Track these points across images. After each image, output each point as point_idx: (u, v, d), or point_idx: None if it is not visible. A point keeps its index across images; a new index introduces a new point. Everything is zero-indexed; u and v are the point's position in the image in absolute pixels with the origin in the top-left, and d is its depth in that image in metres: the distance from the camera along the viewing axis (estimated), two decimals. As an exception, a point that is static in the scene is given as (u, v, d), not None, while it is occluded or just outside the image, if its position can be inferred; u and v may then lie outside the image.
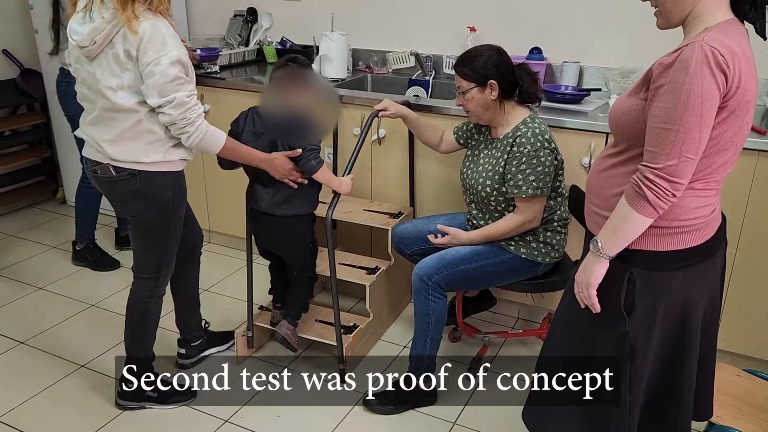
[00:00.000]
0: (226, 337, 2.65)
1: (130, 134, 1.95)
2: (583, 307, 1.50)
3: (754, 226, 2.30)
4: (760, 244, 2.31)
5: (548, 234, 2.22)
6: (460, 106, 2.25)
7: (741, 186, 2.27)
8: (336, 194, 2.27)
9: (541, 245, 2.22)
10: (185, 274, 2.41)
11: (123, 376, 2.26)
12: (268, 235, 2.36)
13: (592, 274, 1.45)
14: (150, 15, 1.85)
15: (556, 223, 2.23)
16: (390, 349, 2.67)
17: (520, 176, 2.11)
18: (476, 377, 2.49)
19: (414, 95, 2.94)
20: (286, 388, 2.43)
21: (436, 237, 2.30)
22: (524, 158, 2.10)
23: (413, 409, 2.32)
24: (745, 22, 1.36)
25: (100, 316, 2.88)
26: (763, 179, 2.24)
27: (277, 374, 2.50)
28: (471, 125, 2.38)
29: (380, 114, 2.43)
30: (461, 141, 2.43)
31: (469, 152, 2.37)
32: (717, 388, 1.69)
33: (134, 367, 2.25)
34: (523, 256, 2.22)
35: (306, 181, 2.22)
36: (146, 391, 2.27)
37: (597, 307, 1.47)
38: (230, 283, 3.18)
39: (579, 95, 2.68)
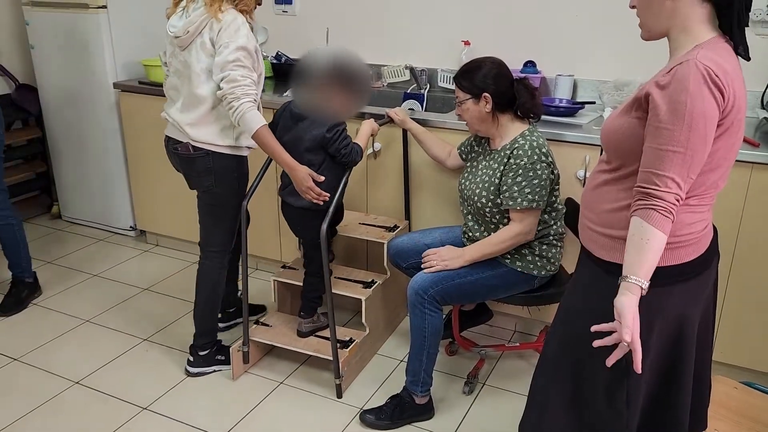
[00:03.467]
0: (258, 309, 2.94)
1: (207, 119, 2.27)
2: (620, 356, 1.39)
3: (749, 238, 2.31)
4: (755, 255, 2.32)
5: (544, 247, 2.22)
6: (459, 116, 2.26)
7: (735, 198, 2.28)
8: (329, 210, 2.28)
9: (537, 258, 2.22)
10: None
11: (194, 345, 2.54)
12: (289, 219, 2.47)
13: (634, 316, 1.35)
14: (234, 10, 2.20)
15: (551, 237, 2.23)
16: (387, 363, 2.66)
17: (516, 188, 2.11)
18: (473, 392, 2.48)
19: (409, 108, 2.95)
20: (282, 403, 2.42)
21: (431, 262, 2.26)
22: (520, 170, 2.10)
23: (410, 424, 2.31)
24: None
25: (95, 332, 2.86)
26: (757, 191, 2.25)
27: (273, 390, 2.49)
28: (472, 139, 2.40)
29: (386, 113, 2.55)
30: (464, 156, 2.45)
31: (468, 164, 2.38)
32: (714, 401, 1.68)
33: (205, 336, 2.53)
34: (518, 269, 2.22)
35: (326, 200, 2.25)
36: (216, 355, 2.57)
37: (638, 363, 1.34)
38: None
39: (573, 108, 2.69)
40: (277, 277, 2.69)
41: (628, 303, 1.33)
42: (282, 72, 3.43)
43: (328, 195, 2.26)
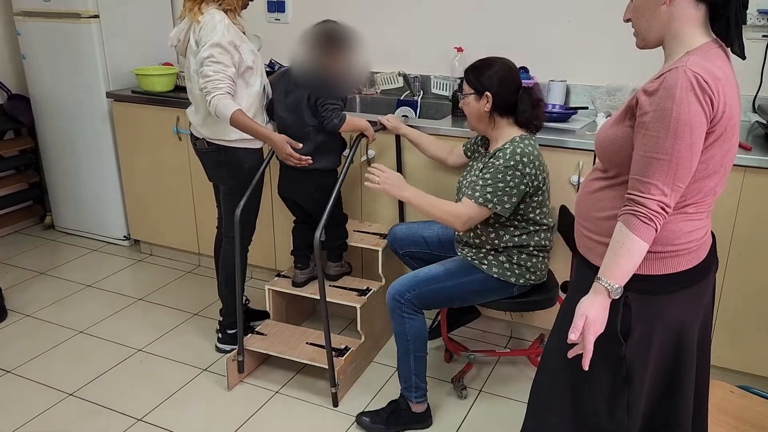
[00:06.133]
0: (262, 315, 2.87)
1: (212, 117, 2.36)
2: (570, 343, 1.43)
3: (742, 242, 2.31)
4: (749, 259, 2.32)
5: (523, 257, 2.20)
6: (461, 108, 2.26)
7: (729, 202, 2.28)
8: (326, 215, 2.28)
9: (515, 266, 2.20)
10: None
11: (221, 323, 2.72)
12: (295, 187, 2.54)
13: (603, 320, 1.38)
14: (213, 10, 2.31)
15: (532, 248, 2.20)
16: (382, 370, 2.65)
17: (480, 183, 2.09)
18: (460, 394, 2.48)
19: (403, 115, 2.95)
20: (278, 412, 2.40)
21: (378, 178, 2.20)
22: (492, 169, 2.09)
23: (405, 431, 2.29)
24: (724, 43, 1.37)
25: (88, 343, 2.85)
26: (750, 195, 2.26)
27: (268, 399, 2.47)
28: (479, 138, 2.39)
29: (378, 120, 2.56)
30: (468, 153, 2.44)
31: (470, 163, 2.38)
32: (712, 406, 1.68)
33: (231, 315, 2.66)
34: (494, 275, 2.20)
35: (309, 163, 2.36)
36: (253, 327, 2.70)
37: (587, 360, 1.38)
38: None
39: (566, 113, 2.70)
40: (272, 285, 2.68)
41: (586, 303, 1.38)
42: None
43: (310, 158, 2.36)
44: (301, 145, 2.36)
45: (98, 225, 3.85)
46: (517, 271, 2.20)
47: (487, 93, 2.13)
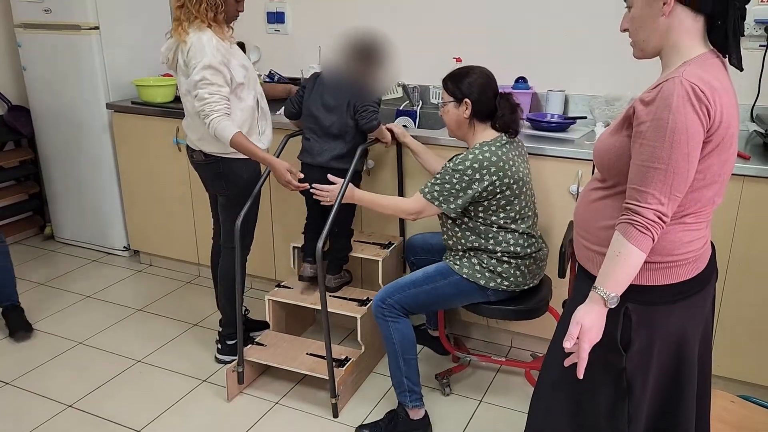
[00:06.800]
0: (261, 326, 2.88)
1: (205, 133, 2.37)
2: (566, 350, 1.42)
3: (742, 251, 2.31)
4: (748, 268, 2.32)
5: (492, 261, 2.21)
6: (441, 116, 2.31)
7: (728, 211, 2.28)
8: (327, 225, 2.28)
9: (485, 270, 2.22)
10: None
11: (221, 333, 2.72)
12: (310, 181, 2.50)
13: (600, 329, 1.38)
14: (196, 29, 2.30)
15: (499, 253, 2.21)
16: (383, 381, 2.64)
17: (432, 180, 2.18)
18: (443, 390, 2.52)
19: (402, 125, 2.95)
20: (278, 423, 2.39)
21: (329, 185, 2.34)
22: (442, 170, 2.17)
23: None
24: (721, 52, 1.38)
25: (88, 354, 2.84)
26: (749, 204, 2.26)
27: (268, 410, 2.47)
28: None
29: (386, 126, 2.58)
30: None
31: None
32: (712, 415, 1.67)
33: (230, 326, 2.66)
34: (464, 275, 2.22)
35: (307, 188, 2.39)
36: (253, 337, 2.72)
37: (581, 369, 1.39)
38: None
39: (565, 123, 2.70)
40: (272, 296, 2.68)
41: (582, 312, 1.38)
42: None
43: (307, 186, 2.38)
44: (302, 175, 2.40)
45: (98, 236, 3.85)
46: (487, 274, 2.22)
47: (467, 100, 2.19)
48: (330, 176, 2.35)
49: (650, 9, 1.36)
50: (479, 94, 2.19)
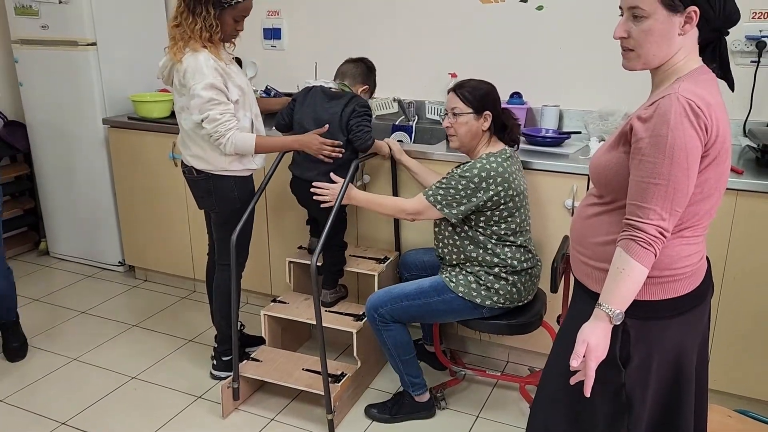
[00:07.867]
0: (257, 341, 2.84)
1: (198, 150, 2.41)
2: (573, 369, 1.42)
3: (737, 265, 2.32)
4: (743, 282, 2.33)
5: (490, 278, 2.22)
6: (447, 127, 2.27)
7: (722, 225, 2.29)
8: (321, 240, 2.28)
9: (482, 288, 2.22)
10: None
11: (216, 350, 2.70)
12: (301, 195, 2.57)
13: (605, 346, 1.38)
14: (191, 50, 2.28)
15: (497, 268, 2.21)
16: (379, 396, 2.63)
17: (436, 184, 2.20)
18: (439, 404, 2.52)
19: (398, 141, 2.97)
20: (273, 440, 2.38)
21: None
22: (449, 175, 2.19)
23: (409, 419, 2.44)
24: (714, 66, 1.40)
25: (82, 371, 2.82)
26: (743, 218, 2.27)
27: (264, 427, 2.45)
28: None
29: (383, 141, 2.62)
30: None
31: None
32: (709, 430, 1.67)
33: (225, 342, 2.65)
34: (460, 294, 2.22)
35: (341, 155, 2.40)
36: (248, 353, 2.68)
37: (588, 388, 1.38)
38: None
39: (559, 138, 2.72)
40: (267, 311, 2.67)
41: (587, 330, 1.38)
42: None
43: (342, 144, 2.39)
44: (327, 127, 2.39)
45: (93, 251, 3.84)
46: (483, 292, 2.22)
47: (488, 112, 2.22)
48: (332, 175, 2.37)
49: (671, 25, 1.33)
50: (494, 108, 2.24)
